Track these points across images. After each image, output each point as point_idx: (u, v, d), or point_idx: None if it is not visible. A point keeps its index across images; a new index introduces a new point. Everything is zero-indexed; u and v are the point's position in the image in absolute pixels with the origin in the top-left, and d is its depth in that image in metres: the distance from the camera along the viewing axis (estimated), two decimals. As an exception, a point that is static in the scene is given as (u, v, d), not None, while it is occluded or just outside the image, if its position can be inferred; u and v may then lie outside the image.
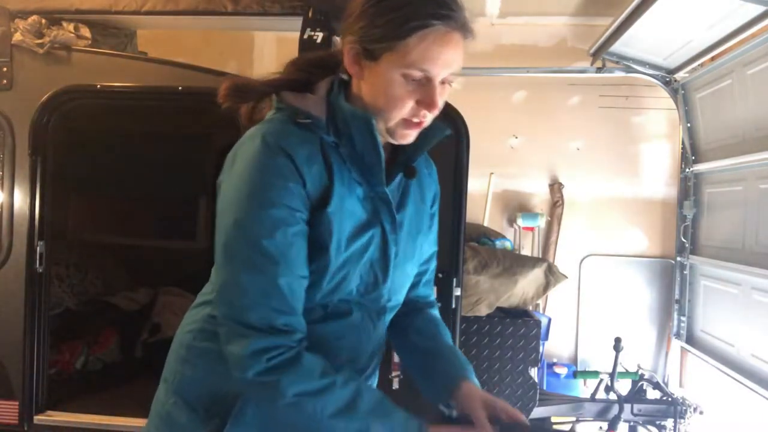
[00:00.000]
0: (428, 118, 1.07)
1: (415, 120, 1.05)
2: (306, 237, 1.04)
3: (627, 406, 3.14)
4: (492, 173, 4.19)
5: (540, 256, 4.10)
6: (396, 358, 2.33)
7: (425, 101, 1.03)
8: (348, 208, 1.07)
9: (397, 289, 1.20)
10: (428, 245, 1.29)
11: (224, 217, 1.03)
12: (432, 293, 1.38)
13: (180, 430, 1.14)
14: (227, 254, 1.02)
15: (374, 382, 1.28)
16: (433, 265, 1.34)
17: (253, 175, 1.01)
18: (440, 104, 1.05)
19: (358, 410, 1.01)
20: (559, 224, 4.20)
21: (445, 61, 1.01)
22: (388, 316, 1.22)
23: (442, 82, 1.04)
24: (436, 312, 1.35)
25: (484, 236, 3.77)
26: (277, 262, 1.00)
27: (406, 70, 1.00)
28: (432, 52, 1.00)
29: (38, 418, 2.65)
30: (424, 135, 1.11)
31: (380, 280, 1.14)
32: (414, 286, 1.29)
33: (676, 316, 3.86)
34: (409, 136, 1.09)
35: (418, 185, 1.23)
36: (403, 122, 1.06)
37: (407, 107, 1.04)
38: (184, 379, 1.16)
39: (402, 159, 1.16)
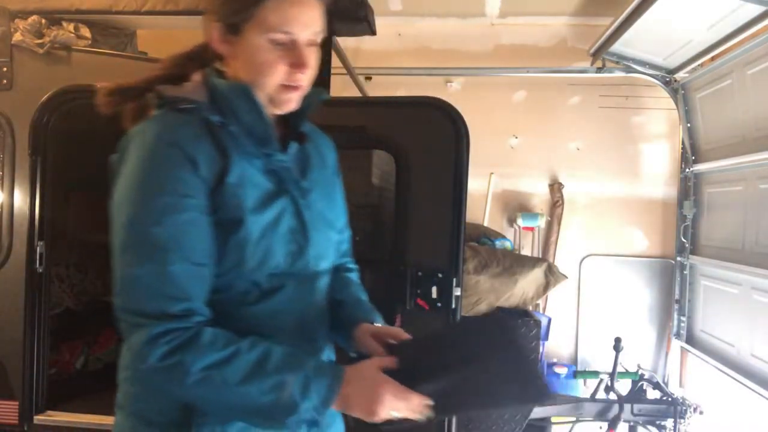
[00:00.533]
0: (304, 80, 1.09)
1: (292, 84, 1.08)
2: (204, 225, 1.03)
3: (627, 406, 3.14)
4: (492, 173, 4.19)
5: (540, 256, 4.10)
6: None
7: (296, 63, 1.06)
8: (251, 180, 1.08)
9: (322, 254, 1.20)
10: (339, 213, 1.30)
11: (116, 214, 1.03)
12: (350, 261, 1.41)
13: None
14: (120, 248, 1.01)
15: (331, 353, 1.29)
16: (347, 234, 1.36)
17: (139, 169, 1.02)
18: (312, 65, 1.08)
19: (267, 368, 0.98)
20: (559, 224, 4.20)
21: (304, 21, 1.06)
22: (323, 281, 1.22)
23: (310, 45, 1.08)
24: (353, 275, 1.39)
25: (484, 236, 3.77)
26: (168, 249, 0.99)
27: (269, 35, 1.04)
28: (289, 13, 1.04)
29: (38, 418, 2.64)
30: (305, 101, 1.14)
31: (303, 246, 1.14)
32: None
33: (676, 316, 3.86)
34: (292, 102, 1.12)
35: (317, 151, 1.25)
36: (281, 88, 1.08)
37: (279, 72, 1.06)
38: (139, 398, 1.13)
39: (291, 128, 1.19)
